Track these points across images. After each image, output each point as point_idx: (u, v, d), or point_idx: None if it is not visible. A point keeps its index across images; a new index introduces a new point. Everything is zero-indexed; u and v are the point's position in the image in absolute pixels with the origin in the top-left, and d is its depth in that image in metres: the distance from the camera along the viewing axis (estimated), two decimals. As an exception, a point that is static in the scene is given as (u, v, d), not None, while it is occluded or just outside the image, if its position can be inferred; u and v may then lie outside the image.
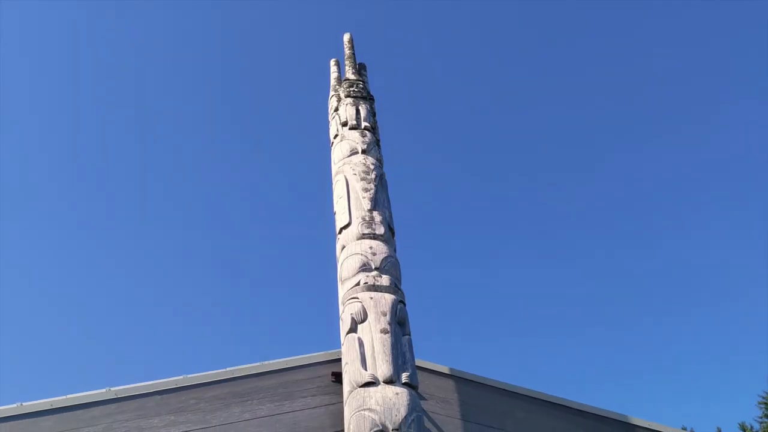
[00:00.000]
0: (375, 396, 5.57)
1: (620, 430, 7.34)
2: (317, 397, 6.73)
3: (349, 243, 6.98)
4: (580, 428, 7.20)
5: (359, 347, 6.03)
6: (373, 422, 5.37)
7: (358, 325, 6.25)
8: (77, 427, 6.01)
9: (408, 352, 6.13)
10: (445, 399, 7.03)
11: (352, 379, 5.86)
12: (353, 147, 8.04)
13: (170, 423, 6.20)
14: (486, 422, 6.96)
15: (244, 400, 6.52)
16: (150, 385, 6.42)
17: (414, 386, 5.82)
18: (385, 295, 6.39)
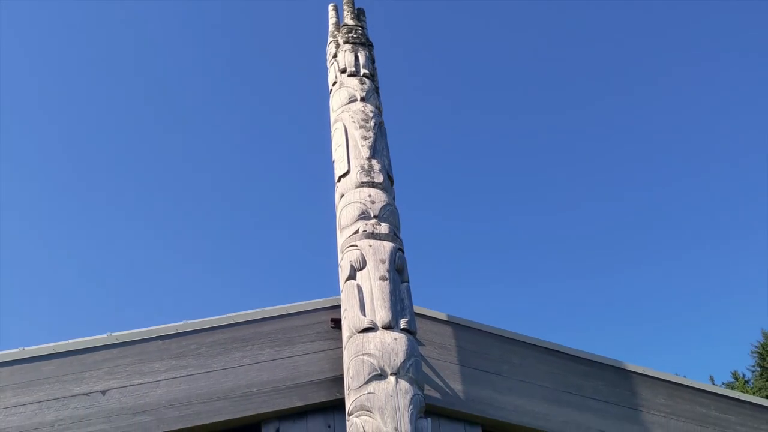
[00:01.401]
0: (374, 341, 5.63)
1: (614, 375, 7.45)
2: (317, 343, 6.80)
3: (347, 191, 6.97)
4: (574, 373, 7.31)
5: (358, 294, 6.07)
6: (371, 366, 5.44)
7: (357, 272, 6.28)
8: (80, 371, 6.09)
9: (406, 299, 6.18)
10: (443, 345, 7.12)
11: (351, 324, 5.92)
12: (352, 94, 7.97)
13: (171, 367, 6.28)
14: (482, 367, 7.05)
15: (245, 346, 6.59)
16: (151, 330, 6.48)
17: (412, 332, 5.88)
18: (384, 243, 6.41)
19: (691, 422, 7.28)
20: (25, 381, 5.94)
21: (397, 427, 5.03)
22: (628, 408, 7.20)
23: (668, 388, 7.48)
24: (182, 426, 6.00)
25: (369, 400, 5.26)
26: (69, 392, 5.95)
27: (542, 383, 7.12)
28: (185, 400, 6.12)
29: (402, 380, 5.35)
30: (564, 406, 6.99)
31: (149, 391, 6.10)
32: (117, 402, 5.98)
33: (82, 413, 5.86)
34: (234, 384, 6.32)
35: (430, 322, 7.21)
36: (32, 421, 5.75)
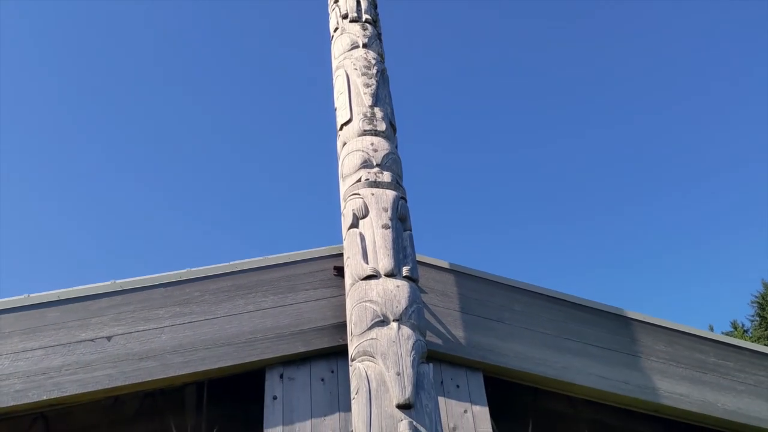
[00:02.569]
0: (376, 288, 5.66)
1: (615, 322, 7.51)
2: (320, 290, 6.84)
3: (350, 139, 6.92)
4: (576, 321, 7.37)
5: (361, 242, 6.08)
6: (374, 313, 5.48)
7: (359, 220, 6.28)
8: (84, 317, 6.15)
9: (409, 247, 6.19)
10: (445, 292, 7.16)
11: (353, 272, 5.94)
12: (354, 41, 7.85)
13: (176, 314, 6.34)
14: (484, 315, 7.11)
15: (248, 293, 6.64)
16: (154, 278, 6.52)
17: (414, 279, 5.90)
18: (387, 192, 6.39)
19: (691, 368, 7.36)
20: (30, 327, 6.01)
21: (399, 372, 5.08)
22: (628, 354, 7.28)
23: (668, 335, 7.55)
24: (187, 371, 6.09)
25: (371, 345, 5.31)
26: (75, 338, 6.02)
27: (543, 330, 7.19)
28: (190, 346, 6.19)
29: (404, 326, 5.39)
30: (564, 353, 7.07)
31: (154, 337, 6.17)
32: (122, 348, 6.06)
33: (89, 358, 5.94)
34: (238, 330, 6.39)
35: (433, 270, 7.25)
36: (39, 366, 5.83)
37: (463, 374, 6.76)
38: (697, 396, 7.20)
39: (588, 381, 6.98)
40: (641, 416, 7.85)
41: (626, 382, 7.07)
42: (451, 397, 6.55)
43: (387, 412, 4.91)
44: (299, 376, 6.36)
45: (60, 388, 5.76)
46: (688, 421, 7.33)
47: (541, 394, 7.70)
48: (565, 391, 7.18)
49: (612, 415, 8.23)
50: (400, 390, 4.97)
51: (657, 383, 7.14)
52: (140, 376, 5.97)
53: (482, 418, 6.52)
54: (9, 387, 5.67)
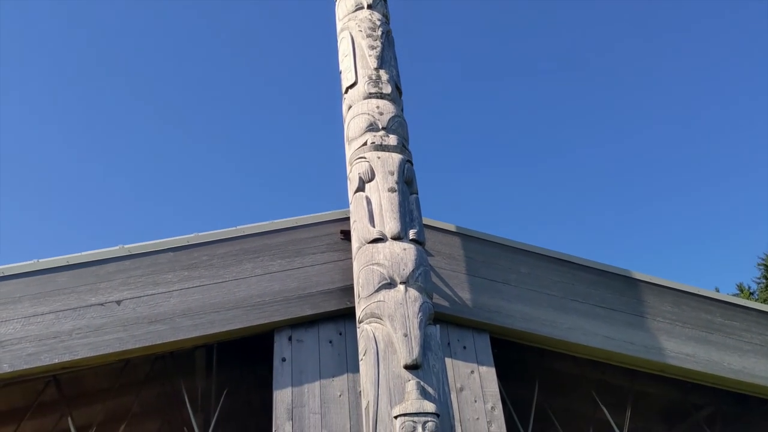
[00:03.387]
0: (383, 251, 5.67)
1: (621, 283, 7.53)
2: (326, 254, 6.87)
3: (355, 102, 6.88)
4: (582, 282, 7.39)
5: (367, 205, 6.08)
6: (381, 276, 5.50)
7: (365, 184, 6.27)
8: (94, 282, 6.19)
9: (415, 210, 6.19)
10: (451, 255, 7.17)
11: (360, 235, 5.95)
12: (358, 2, 7.75)
13: (184, 278, 6.37)
14: (490, 277, 7.13)
15: (256, 257, 6.67)
16: (162, 242, 6.55)
17: (421, 242, 5.91)
18: (393, 155, 6.36)
19: (697, 328, 7.40)
20: (40, 292, 6.06)
21: (407, 333, 5.12)
22: (635, 315, 7.31)
23: (674, 295, 7.57)
24: (197, 334, 6.14)
25: (379, 307, 5.34)
26: (84, 302, 6.08)
27: (549, 292, 7.21)
28: (199, 310, 6.24)
29: (411, 289, 5.41)
30: (570, 314, 7.11)
31: (163, 301, 6.22)
32: (132, 311, 6.11)
33: (99, 322, 6.00)
34: (246, 294, 6.43)
35: (439, 233, 7.26)
36: (50, 330, 5.89)
37: (470, 335, 6.81)
38: (703, 356, 7.24)
39: (594, 341, 7.02)
40: (647, 376, 7.92)
41: (632, 342, 7.11)
42: (458, 358, 6.61)
43: (395, 373, 4.96)
44: (307, 338, 6.42)
45: (71, 351, 5.83)
46: (694, 380, 7.39)
47: (547, 354, 7.75)
48: (570, 352, 7.22)
49: (617, 375, 8.30)
50: (408, 351, 5.01)
51: (663, 343, 7.18)
52: (150, 339, 6.03)
53: (489, 379, 6.58)
54: (21, 351, 5.74)
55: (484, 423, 6.26)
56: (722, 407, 8.53)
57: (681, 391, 8.61)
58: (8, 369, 5.66)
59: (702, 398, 8.61)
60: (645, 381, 8.34)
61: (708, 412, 8.77)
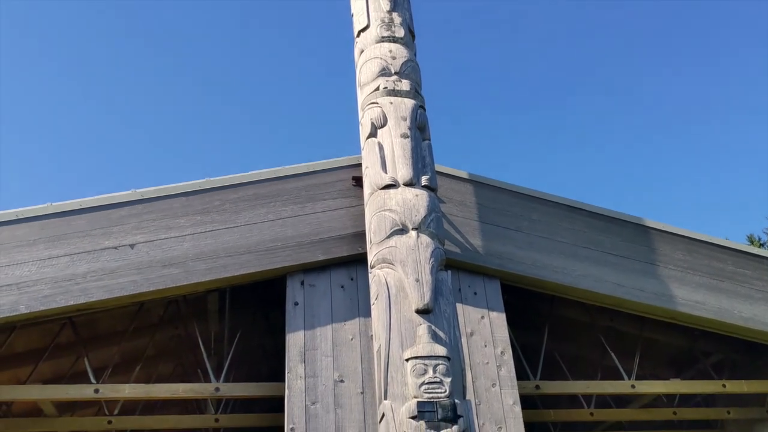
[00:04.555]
0: (395, 198, 5.66)
1: (633, 231, 7.50)
2: (338, 200, 6.87)
3: (367, 46, 6.78)
4: (594, 230, 7.37)
5: (379, 151, 6.05)
6: (393, 222, 5.50)
7: (378, 129, 6.23)
8: (107, 225, 6.23)
9: (428, 157, 6.15)
10: (463, 202, 7.16)
11: (372, 182, 5.93)
12: (371, -57, 7.56)
13: (197, 222, 6.40)
14: (502, 224, 7.13)
15: (268, 202, 6.68)
16: (175, 187, 6.56)
17: (433, 189, 5.90)
18: (405, 100, 6.30)
19: (708, 276, 7.39)
20: (55, 235, 6.10)
21: (418, 278, 5.14)
22: (646, 263, 7.31)
23: (687, 243, 7.54)
24: (210, 278, 6.20)
25: (391, 253, 5.36)
26: (99, 246, 6.13)
27: (561, 239, 7.20)
28: (212, 254, 6.28)
29: (423, 235, 5.42)
30: (582, 261, 7.11)
31: (176, 245, 6.26)
32: (146, 255, 6.16)
33: (113, 266, 6.06)
34: (259, 239, 6.46)
35: (451, 180, 7.23)
36: (65, 272, 5.96)
37: (481, 282, 6.84)
38: (714, 303, 7.26)
39: (604, 288, 7.04)
40: (656, 323, 7.96)
41: (642, 289, 7.13)
42: (469, 304, 6.66)
43: (406, 317, 5.00)
44: (319, 283, 6.47)
45: (86, 293, 5.90)
46: (704, 327, 7.42)
47: (557, 301, 7.80)
48: (580, 299, 7.25)
49: (627, 322, 8.36)
50: (419, 295, 5.04)
51: (674, 291, 7.19)
52: (164, 282, 6.09)
53: (499, 324, 6.63)
54: (37, 292, 5.82)
55: (493, 367, 6.34)
56: (730, 355, 8.58)
57: (689, 338, 8.66)
58: (25, 310, 5.75)
59: (710, 346, 8.66)
60: (654, 328, 8.39)
61: (716, 360, 8.83)
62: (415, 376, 4.66)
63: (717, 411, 8.85)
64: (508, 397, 6.20)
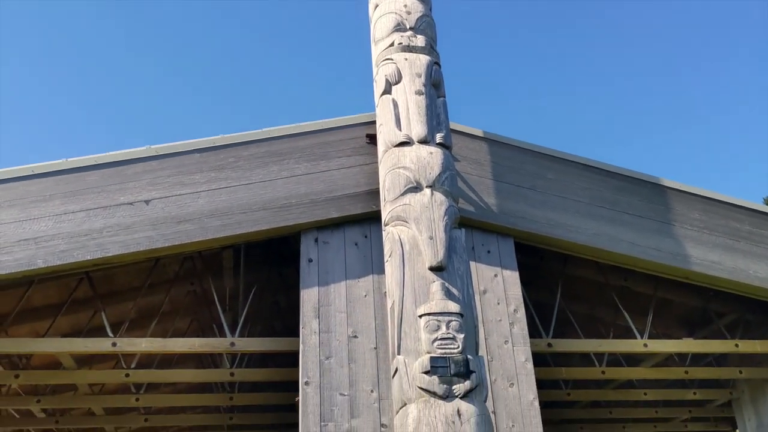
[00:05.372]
0: (409, 155, 5.64)
1: (650, 190, 7.43)
2: (352, 158, 6.84)
3: (382, 1, 6.68)
4: (609, 188, 7.31)
5: (393, 108, 6.00)
6: (407, 179, 5.49)
7: (392, 86, 6.17)
8: (122, 181, 6.25)
9: (442, 114, 6.10)
10: (477, 160, 7.11)
11: (386, 139, 5.90)
12: None
13: (211, 179, 6.41)
14: (517, 182, 7.08)
15: (282, 159, 6.67)
16: (189, 143, 6.55)
17: (448, 146, 5.86)
18: (420, 56, 6.22)
19: (724, 236, 7.34)
20: (71, 191, 6.13)
21: (432, 236, 5.14)
22: (662, 222, 7.26)
23: (703, 203, 7.47)
24: (225, 234, 6.23)
25: (405, 211, 5.35)
26: (114, 201, 6.16)
27: (576, 198, 7.16)
28: (226, 210, 6.30)
29: (437, 192, 5.40)
30: (596, 220, 7.07)
31: (191, 201, 6.28)
32: (161, 211, 6.19)
33: (128, 221, 6.09)
34: (273, 196, 6.46)
35: (466, 138, 7.17)
36: (82, 227, 6.00)
37: (494, 240, 6.83)
38: (729, 263, 7.22)
39: (619, 247, 7.01)
40: (670, 283, 7.94)
41: (658, 249, 7.09)
42: (482, 262, 6.66)
43: (420, 274, 5.02)
44: (333, 240, 6.48)
45: (103, 248, 5.95)
46: (718, 287, 7.40)
47: (570, 261, 7.79)
48: (595, 258, 7.24)
49: (641, 282, 8.35)
50: (433, 253, 5.05)
51: (689, 250, 7.16)
52: (179, 238, 6.13)
53: (512, 283, 6.64)
54: (54, 247, 5.88)
55: (506, 324, 6.37)
56: (744, 315, 8.57)
57: (703, 298, 8.65)
58: (42, 264, 5.81)
59: (724, 306, 8.65)
60: (668, 288, 8.37)
61: (730, 320, 8.82)
62: (429, 332, 4.70)
63: (729, 370, 8.88)
64: (520, 354, 6.24)
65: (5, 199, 5.98)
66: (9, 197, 6.01)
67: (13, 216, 5.93)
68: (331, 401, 5.69)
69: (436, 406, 4.43)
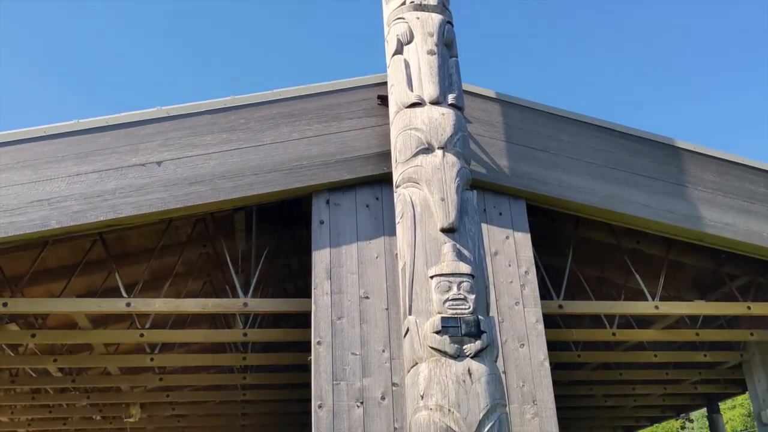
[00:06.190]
0: (421, 116, 5.59)
1: (664, 152, 7.35)
2: (364, 119, 6.80)
3: (393, -42, 6.56)
4: (623, 150, 7.24)
5: (405, 69, 5.94)
6: (419, 140, 5.46)
7: (404, 46, 6.10)
8: (134, 142, 6.25)
9: (455, 74, 6.03)
10: (490, 122, 7.05)
11: (398, 100, 5.86)
12: None
13: (222, 141, 6.40)
14: (529, 144, 7.03)
15: (293, 121, 6.64)
16: (200, 104, 6.52)
17: (460, 107, 5.80)
18: (432, 15, 6.13)
19: (739, 198, 7.27)
20: (83, 152, 6.14)
21: (444, 197, 5.13)
22: (676, 184, 7.19)
23: (718, 165, 7.39)
24: (236, 195, 6.23)
25: (416, 172, 5.33)
26: (126, 162, 6.16)
27: (589, 160, 7.10)
28: (238, 172, 6.30)
29: (449, 154, 5.37)
30: (609, 182, 7.02)
31: (202, 162, 6.28)
32: (173, 172, 6.19)
33: (141, 182, 6.11)
34: (284, 157, 6.45)
35: (478, 100, 7.10)
36: (94, 189, 6.03)
37: (506, 202, 6.81)
38: (743, 225, 7.16)
39: (631, 209, 6.97)
40: (682, 246, 7.92)
41: (671, 211, 7.04)
42: (494, 224, 6.65)
43: (431, 235, 5.01)
44: (345, 202, 6.48)
45: (116, 209, 5.98)
46: (731, 249, 7.35)
47: (582, 223, 7.76)
48: (608, 220, 7.20)
49: (653, 244, 8.32)
50: (444, 214, 5.04)
51: (702, 212, 7.10)
52: (191, 199, 6.14)
53: (523, 245, 6.63)
54: (67, 208, 5.91)
55: (517, 286, 6.38)
56: (757, 278, 8.54)
57: (716, 261, 8.62)
58: (56, 225, 5.85)
59: (737, 268, 8.62)
60: (680, 251, 8.35)
61: (742, 282, 8.81)
62: (440, 293, 4.71)
63: (740, 333, 8.89)
64: (531, 315, 6.26)
65: (18, 160, 6.01)
66: (22, 158, 6.03)
67: (27, 177, 5.96)
68: (343, 360, 5.75)
69: (447, 366, 4.46)
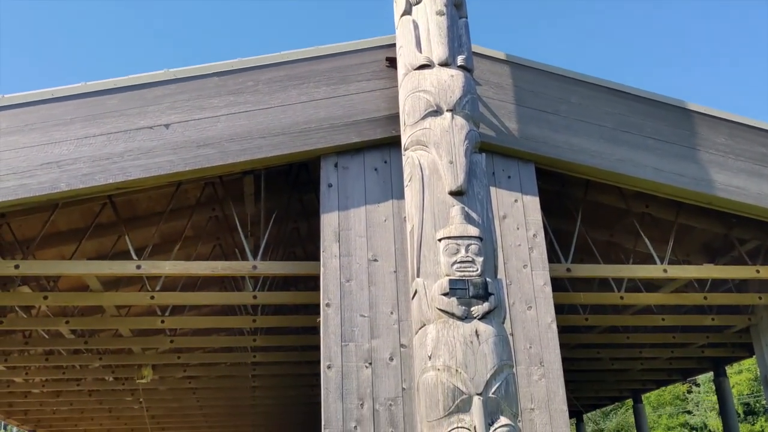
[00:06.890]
0: (430, 78, 5.55)
1: (675, 115, 7.26)
2: (372, 82, 6.75)
3: None
4: (635, 113, 7.15)
5: (414, 30, 5.88)
6: (427, 103, 5.42)
7: (412, 7, 6.04)
8: (142, 105, 6.23)
9: (464, 35, 5.96)
10: (499, 84, 6.98)
11: (406, 61, 5.81)
12: None
13: (230, 103, 6.37)
14: (539, 107, 6.96)
15: (301, 83, 6.59)
16: (207, 66, 6.48)
17: (469, 69, 5.75)
18: (441, -25, 6.03)
19: (750, 161, 7.20)
20: (91, 114, 6.13)
21: (452, 160, 5.11)
22: (687, 147, 7.12)
23: (730, 127, 7.30)
24: (245, 158, 6.23)
25: (425, 135, 5.31)
26: (134, 125, 6.15)
27: (600, 123, 7.02)
28: (246, 135, 6.28)
29: (458, 116, 5.34)
30: (621, 145, 6.95)
31: (210, 125, 6.26)
32: (181, 135, 6.18)
33: (149, 145, 6.10)
34: (292, 120, 6.42)
35: (488, 62, 7.02)
36: (103, 151, 6.02)
37: (515, 165, 6.77)
38: (754, 189, 7.10)
39: (642, 173, 6.91)
40: (692, 210, 7.89)
41: (681, 174, 6.99)
42: (502, 187, 6.62)
43: (439, 198, 5.01)
44: (353, 165, 6.46)
45: (125, 172, 5.99)
46: (741, 213, 7.30)
47: (592, 187, 7.72)
48: (618, 184, 7.16)
49: (663, 208, 8.28)
50: (453, 177, 5.03)
51: (713, 176, 7.04)
52: (200, 162, 6.14)
53: (532, 208, 6.61)
54: (77, 171, 5.92)
55: (525, 249, 6.38)
56: (766, 242, 8.51)
57: (725, 225, 8.58)
58: (65, 188, 5.87)
59: (747, 233, 8.58)
60: (690, 215, 8.31)
61: (752, 246, 8.77)
62: (448, 255, 4.73)
63: (748, 296, 8.89)
64: (538, 278, 6.27)
65: (27, 123, 6.01)
66: (31, 120, 6.03)
67: (36, 139, 5.97)
68: (352, 322, 5.80)
69: (455, 327, 4.49)
